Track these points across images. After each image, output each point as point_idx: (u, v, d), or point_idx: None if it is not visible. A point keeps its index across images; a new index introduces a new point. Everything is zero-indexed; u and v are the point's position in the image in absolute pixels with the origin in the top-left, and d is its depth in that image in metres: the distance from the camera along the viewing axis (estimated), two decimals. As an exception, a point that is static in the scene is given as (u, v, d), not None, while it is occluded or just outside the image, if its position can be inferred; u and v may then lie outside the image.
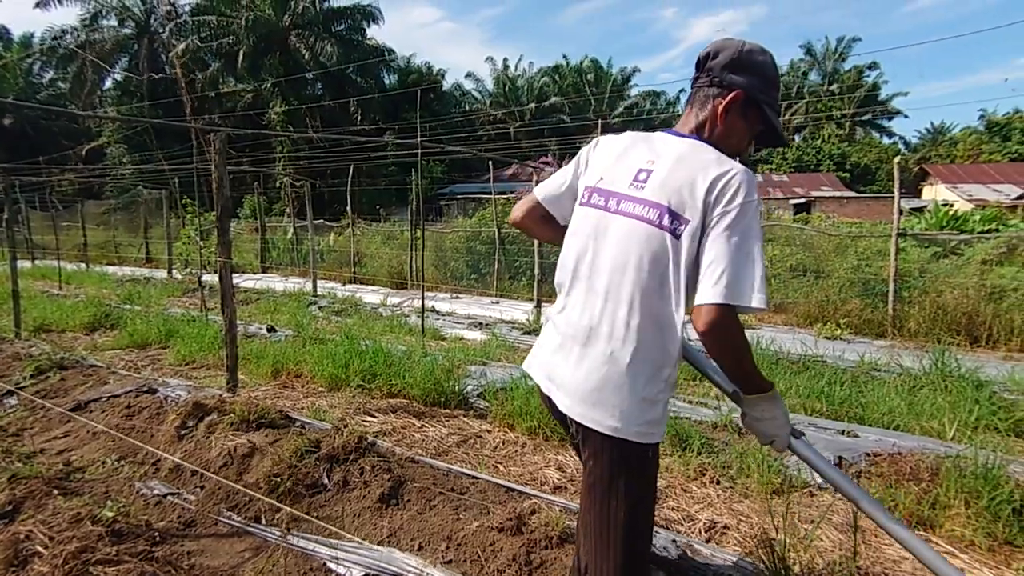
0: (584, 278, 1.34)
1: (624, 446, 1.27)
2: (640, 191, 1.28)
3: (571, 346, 1.33)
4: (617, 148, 1.40)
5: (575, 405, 1.30)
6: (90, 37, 26.90)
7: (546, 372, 1.40)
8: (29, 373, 4.39)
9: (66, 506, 2.50)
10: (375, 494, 2.45)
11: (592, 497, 1.33)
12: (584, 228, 1.36)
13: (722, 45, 1.36)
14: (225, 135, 3.48)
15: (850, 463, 2.79)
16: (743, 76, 1.32)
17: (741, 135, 1.37)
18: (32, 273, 11.98)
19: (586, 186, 1.40)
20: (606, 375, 1.26)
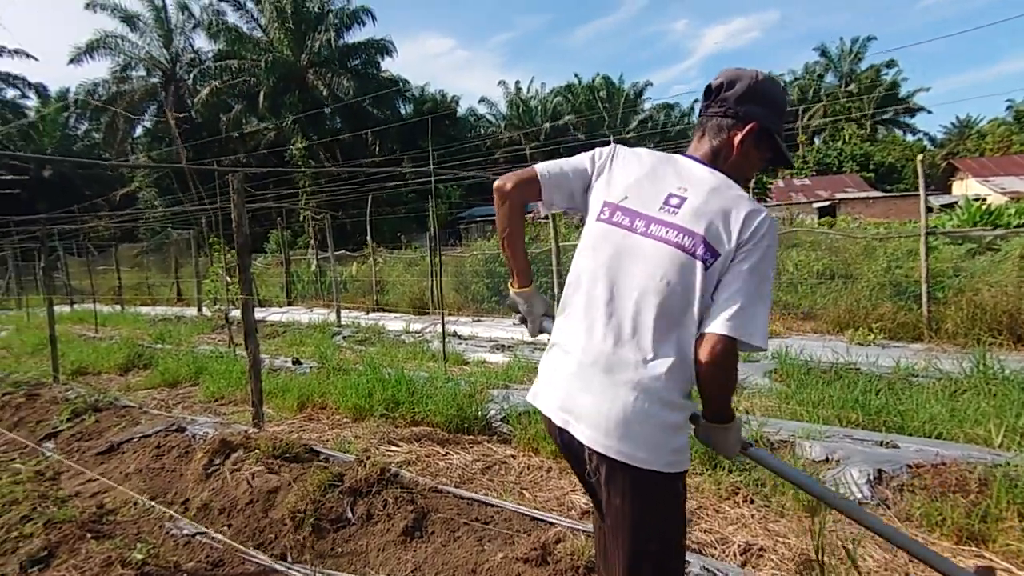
0: (603, 300, 1.28)
1: (655, 478, 1.22)
2: (673, 216, 1.26)
3: (591, 374, 1.27)
4: (642, 167, 1.37)
5: (601, 437, 1.23)
6: (120, 88, 28.15)
7: (560, 403, 1.32)
8: (66, 416, 4.50)
9: (98, 549, 2.53)
10: (399, 527, 2.42)
11: (620, 535, 1.27)
12: (605, 247, 1.31)
13: (736, 75, 1.35)
14: (243, 175, 3.57)
15: (891, 476, 2.66)
16: (758, 107, 1.32)
17: (754, 163, 1.38)
18: (71, 317, 12.40)
19: (606, 201, 1.35)
20: (634, 404, 1.21)
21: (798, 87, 50.13)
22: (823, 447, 2.92)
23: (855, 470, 2.71)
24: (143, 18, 27.66)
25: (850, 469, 2.73)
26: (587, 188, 1.42)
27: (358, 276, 12.20)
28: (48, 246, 7.66)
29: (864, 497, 2.61)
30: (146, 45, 28.19)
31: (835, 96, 47.59)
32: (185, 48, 29.54)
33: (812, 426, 3.18)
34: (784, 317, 6.67)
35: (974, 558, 2.16)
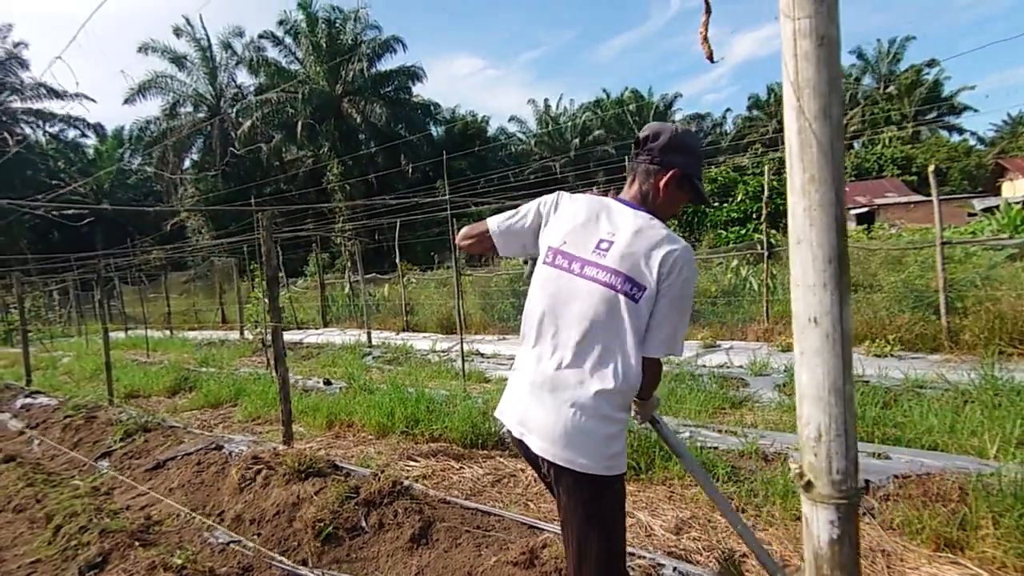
0: (550, 332, 1.52)
1: (595, 480, 1.44)
2: (602, 258, 1.48)
3: (540, 393, 1.50)
4: (579, 214, 1.58)
5: (549, 446, 1.46)
6: (170, 124, 29.91)
7: (518, 418, 1.56)
8: (119, 437, 4.92)
9: (144, 556, 2.84)
10: (407, 535, 2.65)
11: (570, 529, 1.50)
12: (551, 286, 1.54)
13: (660, 129, 1.58)
14: (271, 213, 3.91)
15: (878, 486, 2.74)
16: (679, 156, 1.53)
17: (678, 203, 1.61)
18: (125, 343, 13.22)
19: (549, 246, 1.58)
20: (574, 419, 1.44)
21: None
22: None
23: (843, 481, 2.80)
24: (190, 58, 29.44)
25: (839, 480, 2.82)
26: (537, 236, 1.65)
27: (390, 298, 12.64)
28: (104, 277, 8.29)
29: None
30: (193, 83, 29.96)
31: (873, 99, 46.41)
32: (228, 84, 31.23)
33: (808, 439, 3.27)
34: (803, 330, 6.64)
35: (949, 564, 2.25)
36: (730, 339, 7.06)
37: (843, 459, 0.66)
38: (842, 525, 0.67)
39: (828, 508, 0.68)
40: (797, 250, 0.68)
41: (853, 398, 0.66)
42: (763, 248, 7.51)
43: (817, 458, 0.68)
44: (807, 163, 0.66)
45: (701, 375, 5.15)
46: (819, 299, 0.67)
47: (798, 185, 0.66)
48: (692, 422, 3.97)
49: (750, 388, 4.81)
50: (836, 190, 0.65)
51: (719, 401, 4.45)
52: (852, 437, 0.64)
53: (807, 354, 0.66)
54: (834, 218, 0.64)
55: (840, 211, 0.66)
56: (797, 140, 0.64)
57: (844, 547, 0.67)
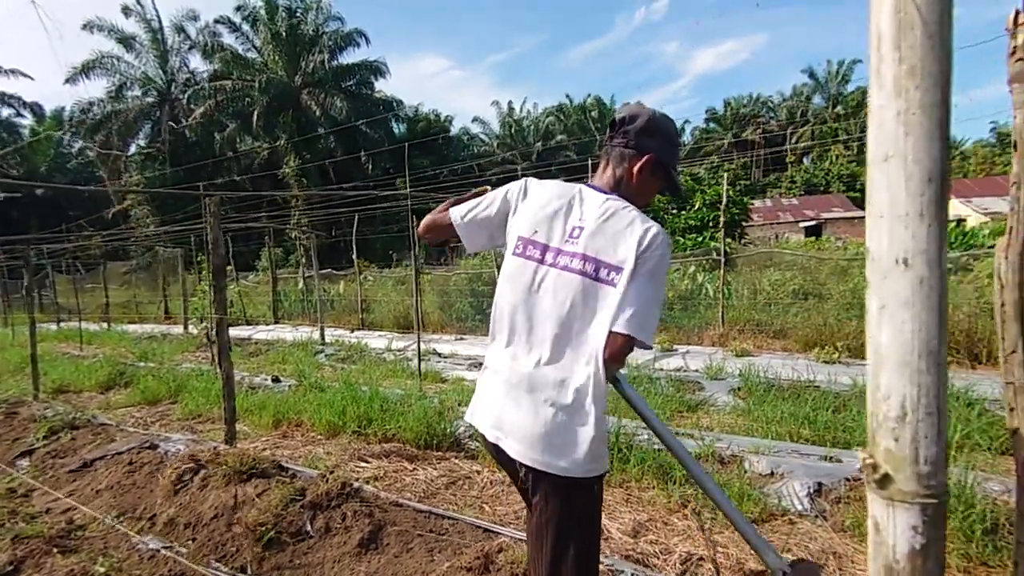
0: (524, 328, 1.41)
1: (575, 483, 1.34)
2: (574, 245, 1.39)
3: (517, 394, 1.39)
4: (549, 201, 1.47)
5: (527, 451, 1.36)
6: (115, 107, 28.39)
7: (492, 421, 1.45)
8: (42, 434, 4.55)
9: (63, 563, 2.61)
10: (355, 539, 2.51)
11: (544, 535, 1.39)
12: (521, 279, 1.43)
13: (637, 111, 1.49)
14: (218, 199, 3.70)
15: (830, 489, 2.78)
16: (655, 141, 1.46)
17: (651, 190, 1.52)
18: (57, 336, 12.41)
19: (519, 236, 1.47)
20: (554, 419, 1.34)
21: (786, 108, 51.13)
22: (769, 462, 3.04)
23: (797, 483, 2.83)
24: (139, 39, 28.04)
25: (793, 482, 2.85)
26: (503, 225, 1.53)
27: (345, 295, 12.30)
28: (34, 265, 7.74)
29: (805, 509, 2.72)
30: (142, 65, 28.53)
31: (823, 118, 48.51)
32: (180, 68, 29.89)
33: (762, 441, 3.31)
34: (755, 336, 6.82)
35: (898, 566, 2.28)
36: (687, 343, 7.15)
37: (934, 445, 0.52)
38: (928, 532, 0.51)
39: (911, 510, 0.52)
40: (883, 168, 0.57)
41: (946, 366, 0.54)
42: (719, 255, 7.66)
43: (899, 443, 0.53)
44: (906, 50, 0.54)
45: (659, 378, 5.18)
46: (912, 233, 0.55)
47: (890, 81, 0.55)
48: (649, 424, 3.96)
49: (706, 392, 4.85)
50: (943, 88, 0.54)
51: (676, 404, 4.47)
52: (945, 418, 0.53)
53: (891, 307, 0.55)
54: (939, 124, 0.55)
55: (947, 117, 0.58)
56: (893, 21, 0.54)
57: (928, 561, 0.51)
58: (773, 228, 27.73)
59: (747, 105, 53.16)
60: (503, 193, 1.56)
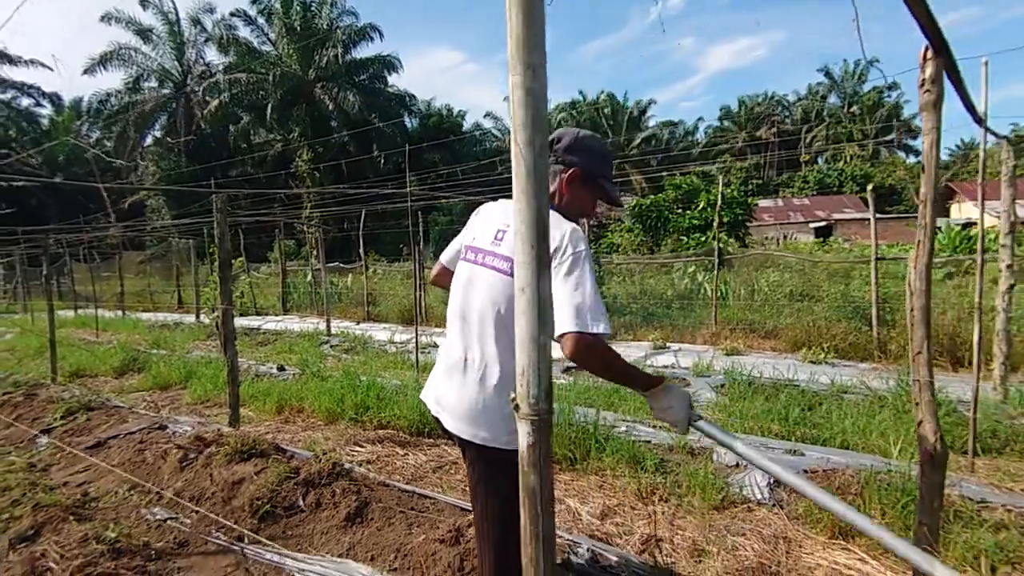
0: (459, 319, 1.66)
1: (495, 453, 1.56)
2: (498, 247, 1.61)
3: (452, 375, 1.64)
4: (489, 214, 1.74)
5: (456, 422, 1.60)
6: (132, 99, 28.89)
7: (435, 397, 1.71)
8: (60, 415, 4.84)
9: (78, 529, 2.85)
10: (342, 513, 2.73)
11: (476, 496, 1.63)
12: (460, 278, 1.69)
13: (562, 133, 1.69)
14: (226, 195, 3.92)
15: (789, 480, 2.95)
16: (579, 156, 1.65)
17: (585, 201, 1.69)
18: (74, 322, 12.80)
19: (467, 245, 1.73)
20: (477, 397, 1.56)
21: (801, 108, 50.67)
22: (734, 454, 3.21)
23: (759, 474, 3.01)
24: (156, 31, 28.48)
25: (755, 473, 3.03)
26: None
27: (352, 288, 12.57)
28: (52, 254, 8.06)
29: (763, 498, 2.90)
30: (158, 57, 28.99)
31: (837, 117, 48.05)
32: (196, 61, 30.32)
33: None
34: (747, 335, 6.96)
35: (840, 550, 2.45)
36: (680, 342, 7.31)
37: (537, 388, 0.89)
38: (535, 435, 0.91)
39: (525, 423, 0.92)
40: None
41: (548, 346, 0.90)
42: (717, 256, 7.79)
43: (521, 388, 0.91)
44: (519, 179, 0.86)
45: (647, 374, 5.35)
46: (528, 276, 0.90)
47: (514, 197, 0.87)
48: (631, 418, 4.14)
49: (691, 388, 5.02)
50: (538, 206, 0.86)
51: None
52: (545, 375, 0.89)
53: (518, 316, 0.89)
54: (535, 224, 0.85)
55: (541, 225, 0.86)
56: (514, 162, 0.85)
57: (537, 450, 0.92)
58: (782, 228, 27.65)
59: (762, 103, 52.74)
60: (467, 225, 1.82)
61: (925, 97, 1.61)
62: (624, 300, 9.08)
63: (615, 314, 8.45)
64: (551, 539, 0.99)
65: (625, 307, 8.81)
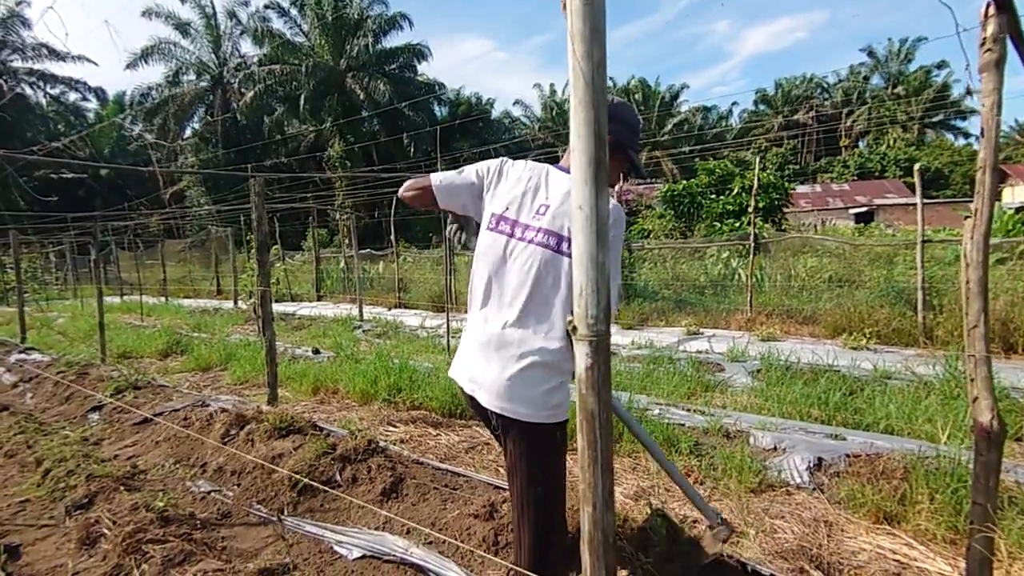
0: (496, 295, 1.62)
1: (536, 429, 1.55)
2: (539, 221, 1.58)
3: (488, 352, 1.60)
4: (520, 181, 1.66)
5: (494, 400, 1.57)
6: (172, 92, 29.71)
7: (468, 375, 1.67)
8: (109, 392, 5.04)
9: (129, 498, 2.97)
10: (378, 489, 2.78)
11: (514, 474, 1.61)
12: (493, 251, 1.62)
13: None
14: (263, 180, 4.00)
15: (830, 464, 2.88)
16: (612, 124, 1.60)
17: (612, 170, 1.67)
18: (120, 308, 13.32)
19: (492, 213, 1.66)
20: (518, 373, 1.54)
21: (842, 89, 48.81)
22: (773, 437, 3.15)
23: (798, 458, 2.94)
24: (194, 25, 29.15)
25: (794, 457, 2.96)
26: (478, 198, 1.72)
27: (384, 274, 12.73)
28: (100, 241, 8.37)
29: (803, 482, 2.84)
30: (196, 50, 29.70)
31: (881, 99, 46.14)
32: (232, 53, 30.96)
33: (770, 419, 3.41)
34: (783, 321, 6.79)
35: (885, 535, 2.38)
36: (714, 327, 7.18)
37: (595, 308, 0.89)
38: (593, 356, 0.90)
39: (583, 344, 0.91)
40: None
41: (605, 264, 0.91)
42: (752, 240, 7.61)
43: (579, 309, 0.91)
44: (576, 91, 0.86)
45: (680, 360, 5.29)
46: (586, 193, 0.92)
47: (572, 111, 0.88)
48: (664, 401, 4.10)
49: (725, 373, 4.94)
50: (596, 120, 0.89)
51: (693, 384, 4.58)
52: (603, 294, 0.88)
53: (576, 234, 0.92)
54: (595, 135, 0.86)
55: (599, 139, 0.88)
56: (572, 75, 0.85)
57: (595, 372, 0.91)
58: (820, 214, 26.81)
59: (800, 86, 50.98)
60: (478, 169, 1.73)
61: (986, 57, 1.52)
62: (656, 286, 8.96)
63: (647, 300, 8.35)
64: (609, 464, 0.97)
65: (657, 293, 8.69)
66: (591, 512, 0.97)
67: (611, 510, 0.97)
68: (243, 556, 2.56)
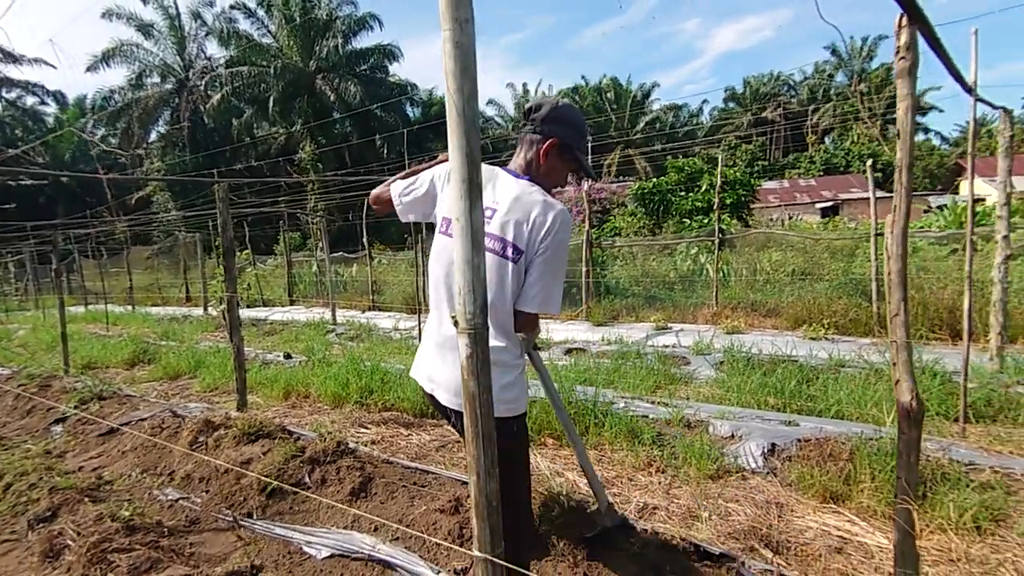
0: (446, 298, 1.66)
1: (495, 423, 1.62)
2: (487, 226, 1.62)
3: (444, 352, 1.66)
4: None
5: (452, 397, 1.64)
6: (136, 95, 28.98)
7: (427, 375, 1.73)
8: (73, 404, 4.95)
9: (93, 509, 2.95)
10: (347, 489, 2.82)
11: None
12: (444, 255, 1.67)
13: (542, 101, 1.72)
14: (227, 185, 3.99)
15: (782, 449, 3.01)
16: (559, 127, 1.67)
17: (560, 172, 1.73)
18: (84, 317, 12.99)
19: (443, 217, 1.71)
20: None
21: (807, 87, 49.96)
22: (731, 425, 3.27)
23: (753, 444, 3.06)
24: (157, 26, 28.50)
25: (749, 443, 3.08)
26: (434, 203, 1.77)
27: (357, 277, 12.66)
28: (62, 249, 8.18)
29: (758, 467, 2.96)
30: (160, 52, 29.04)
31: (844, 96, 47.36)
32: (198, 55, 30.34)
33: (729, 408, 3.54)
34: (748, 314, 6.99)
35: (831, 513, 2.51)
36: (681, 322, 7.35)
37: (473, 305, 1.03)
38: (472, 346, 1.06)
39: (464, 336, 1.06)
40: None
41: (480, 268, 1.04)
42: (717, 236, 7.80)
43: (459, 306, 1.06)
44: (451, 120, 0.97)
45: (647, 354, 5.41)
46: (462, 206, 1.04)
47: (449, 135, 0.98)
48: (630, 395, 4.20)
49: (691, 366, 5.08)
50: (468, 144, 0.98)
51: (659, 377, 4.70)
52: (479, 293, 1.01)
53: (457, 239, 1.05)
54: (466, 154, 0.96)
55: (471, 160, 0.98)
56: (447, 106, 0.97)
57: (475, 360, 1.07)
58: (788, 209, 27.47)
59: (767, 83, 52.05)
60: (431, 176, 1.79)
61: (900, 64, 1.64)
62: (626, 283, 9.11)
63: (618, 297, 8.49)
64: (491, 438, 1.12)
65: (627, 289, 8.84)
66: (475, 480, 1.11)
67: (493, 479, 1.11)
68: (211, 561, 2.57)
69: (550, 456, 3.38)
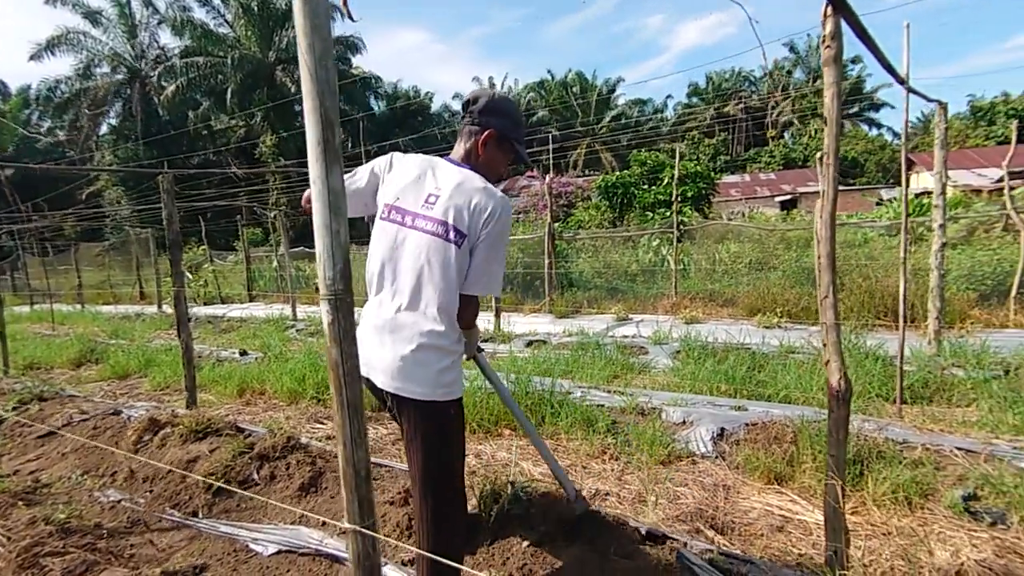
0: (389, 280, 1.66)
1: (432, 406, 1.61)
2: (430, 211, 1.63)
3: (383, 335, 1.65)
4: (410, 172, 1.72)
5: (389, 380, 1.62)
6: (84, 85, 27.75)
7: (363, 359, 1.67)
8: (12, 405, 4.73)
9: (27, 512, 2.82)
10: (296, 484, 2.77)
11: (413, 453, 1.66)
12: (385, 240, 1.67)
13: (479, 93, 1.73)
14: (171, 175, 3.85)
15: (731, 433, 3.08)
16: (495, 118, 1.69)
17: (499, 162, 1.77)
18: (29, 317, 12.42)
19: (385, 203, 1.70)
20: (411, 354, 1.60)
21: (768, 83, 51.20)
22: (683, 412, 3.34)
23: (703, 429, 3.12)
24: (106, 14, 27.33)
25: (700, 429, 3.14)
26: (375, 192, 1.77)
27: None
28: (3, 247, 7.77)
29: (707, 451, 3.02)
30: (109, 41, 27.87)
31: (802, 92, 48.67)
32: (150, 45, 29.22)
33: (682, 395, 3.60)
34: (706, 304, 7.14)
35: (775, 494, 2.59)
36: (642, 313, 7.46)
37: (332, 270, 1.01)
38: (333, 312, 1.00)
39: (325, 303, 1.01)
40: None
41: (340, 232, 1.02)
42: (676, 228, 7.93)
43: (319, 271, 1.02)
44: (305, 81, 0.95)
45: (607, 345, 5.47)
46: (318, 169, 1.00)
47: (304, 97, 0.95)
48: (587, 384, 4.24)
49: (648, 356, 5.15)
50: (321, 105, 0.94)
51: (618, 367, 4.76)
52: (339, 258, 1.00)
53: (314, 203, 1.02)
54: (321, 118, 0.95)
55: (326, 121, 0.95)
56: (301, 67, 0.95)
57: (337, 327, 1.01)
58: (748, 203, 28.13)
59: (729, 79, 53.13)
60: (371, 167, 1.80)
61: (826, 53, 1.68)
62: (589, 275, 9.18)
63: (580, 289, 8.56)
64: (356, 406, 1.06)
65: (590, 282, 8.92)
66: (343, 450, 1.07)
67: (361, 448, 1.07)
68: (153, 561, 2.49)
69: (506, 447, 3.38)
